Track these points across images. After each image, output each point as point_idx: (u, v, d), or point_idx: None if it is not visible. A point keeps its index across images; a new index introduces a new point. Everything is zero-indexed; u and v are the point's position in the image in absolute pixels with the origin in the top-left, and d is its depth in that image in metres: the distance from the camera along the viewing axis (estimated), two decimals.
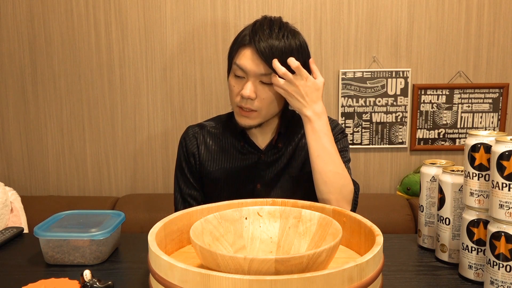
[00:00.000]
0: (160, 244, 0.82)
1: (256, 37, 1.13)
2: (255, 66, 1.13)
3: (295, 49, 1.14)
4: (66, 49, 2.18)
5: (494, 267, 0.80)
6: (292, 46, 1.14)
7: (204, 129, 1.32)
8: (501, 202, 0.79)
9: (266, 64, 1.12)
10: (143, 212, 2.01)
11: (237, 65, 1.15)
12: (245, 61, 1.14)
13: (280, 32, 1.14)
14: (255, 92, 1.14)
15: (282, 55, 1.12)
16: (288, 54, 1.12)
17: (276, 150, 1.27)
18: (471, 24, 2.12)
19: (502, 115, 2.16)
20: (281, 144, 1.27)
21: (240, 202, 0.96)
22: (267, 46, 1.11)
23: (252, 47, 1.13)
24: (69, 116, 2.23)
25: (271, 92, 1.16)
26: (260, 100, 1.16)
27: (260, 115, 1.18)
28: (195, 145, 1.30)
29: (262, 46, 1.11)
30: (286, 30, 1.16)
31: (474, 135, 0.87)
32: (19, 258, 0.99)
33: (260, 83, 1.15)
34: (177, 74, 2.18)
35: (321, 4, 2.12)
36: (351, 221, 0.89)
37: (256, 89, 1.15)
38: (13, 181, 2.28)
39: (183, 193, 1.31)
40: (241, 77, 1.16)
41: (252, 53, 1.13)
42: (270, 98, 1.16)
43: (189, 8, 2.14)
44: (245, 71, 1.14)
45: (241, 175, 1.27)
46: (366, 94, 2.15)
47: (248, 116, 1.18)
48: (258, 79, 1.14)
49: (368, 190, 2.25)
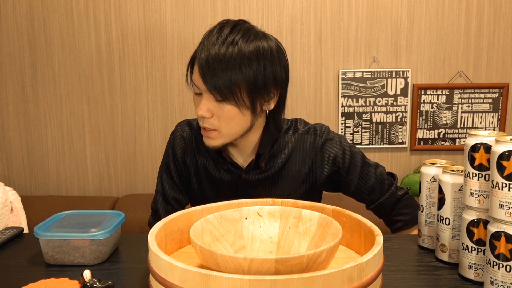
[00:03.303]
0: (160, 244, 0.82)
1: (200, 46, 1.00)
2: (201, 81, 0.99)
3: (246, 56, 0.97)
4: (66, 49, 2.18)
5: (494, 267, 0.79)
6: (242, 52, 0.97)
7: (193, 129, 1.21)
8: (501, 202, 0.78)
9: (202, 78, 0.97)
10: (143, 212, 2.01)
11: (192, 80, 1.03)
12: (194, 75, 1.02)
13: (229, 37, 0.97)
14: (209, 110, 1.01)
15: (222, 65, 0.96)
16: (233, 63, 0.96)
17: (259, 170, 1.13)
18: (471, 24, 2.12)
19: (502, 115, 2.16)
20: (264, 163, 1.13)
21: (240, 202, 0.96)
22: (207, 55, 0.96)
23: (198, 58, 1.00)
24: (69, 116, 2.23)
25: (227, 110, 1.00)
26: (216, 117, 1.02)
27: (221, 135, 1.04)
28: (182, 149, 1.20)
29: (202, 57, 0.97)
30: (240, 34, 0.98)
31: (474, 135, 0.87)
32: (19, 258, 0.99)
33: (215, 100, 1.00)
34: (177, 74, 2.18)
35: (321, 4, 2.12)
36: (351, 221, 0.89)
37: (210, 106, 1.01)
38: (13, 181, 2.28)
39: (166, 196, 1.21)
40: (199, 94, 1.03)
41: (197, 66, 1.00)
42: (227, 116, 1.01)
43: (189, 8, 2.14)
44: (198, 87, 1.02)
45: (224, 190, 1.16)
46: (366, 94, 2.15)
47: (210, 136, 1.05)
48: (211, 96, 1.00)
49: None
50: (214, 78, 0.96)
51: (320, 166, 1.14)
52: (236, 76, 0.96)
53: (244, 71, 0.97)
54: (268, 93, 1.03)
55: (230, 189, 1.16)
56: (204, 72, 0.96)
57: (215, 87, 0.97)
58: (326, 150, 1.14)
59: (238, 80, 0.97)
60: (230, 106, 1.00)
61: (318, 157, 1.14)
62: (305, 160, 1.14)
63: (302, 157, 1.14)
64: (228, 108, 1.00)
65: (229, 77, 0.96)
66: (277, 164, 1.14)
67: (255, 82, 0.99)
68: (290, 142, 1.15)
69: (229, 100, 0.98)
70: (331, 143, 1.15)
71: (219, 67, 0.96)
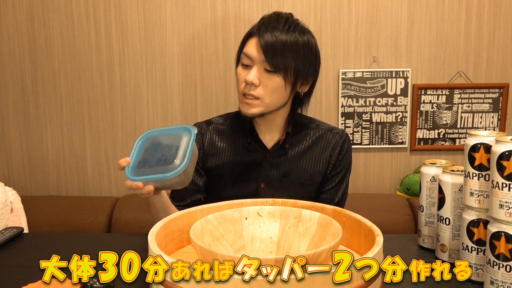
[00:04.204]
0: (160, 244, 0.82)
1: (262, 27, 1.19)
2: (259, 53, 1.17)
3: (302, 45, 1.18)
4: (66, 49, 2.18)
5: (494, 267, 0.79)
6: (297, 41, 1.17)
7: (211, 125, 1.34)
8: (501, 202, 0.79)
9: (264, 54, 1.15)
10: (143, 212, 2.01)
11: (244, 53, 1.20)
12: (251, 48, 1.19)
13: (285, 25, 1.18)
14: (258, 79, 1.18)
15: (284, 48, 1.16)
16: (291, 48, 1.16)
17: (282, 151, 1.28)
18: (471, 24, 2.12)
19: (502, 115, 2.16)
20: (288, 145, 1.28)
21: (240, 202, 0.96)
22: (270, 37, 1.16)
23: (257, 36, 1.18)
24: (69, 116, 2.23)
25: (275, 81, 1.18)
26: (263, 87, 1.18)
27: (262, 104, 1.20)
28: (200, 141, 1.31)
29: (266, 37, 1.16)
30: (293, 25, 1.19)
31: (474, 135, 0.87)
32: (19, 258, 0.99)
33: (265, 71, 1.18)
34: (177, 74, 2.18)
35: (321, 4, 2.12)
36: (351, 221, 0.89)
37: (260, 76, 1.18)
38: (13, 181, 2.28)
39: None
40: (247, 66, 1.20)
41: (257, 41, 1.18)
42: (273, 87, 1.18)
43: (189, 8, 2.14)
44: (251, 58, 1.18)
45: (246, 172, 1.28)
46: (366, 94, 2.15)
47: (251, 104, 1.19)
48: (262, 67, 1.17)
49: (368, 190, 2.25)
50: (274, 55, 1.16)
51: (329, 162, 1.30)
52: (291, 57, 1.17)
53: (296, 55, 1.18)
54: (306, 78, 1.23)
55: (255, 169, 1.28)
56: (267, 49, 1.15)
57: (273, 62, 1.16)
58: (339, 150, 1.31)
59: (291, 61, 1.17)
60: (279, 78, 1.18)
61: (334, 155, 1.30)
62: (324, 154, 1.30)
63: (322, 150, 1.30)
64: (276, 79, 1.18)
65: (286, 57, 1.16)
66: (299, 149, 1.29)
67: (303, 65, 1.20)
68: (313, 133, 1.32)
69: (279, 73, 1.17)
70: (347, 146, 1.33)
71: (280, 48, 1.16)
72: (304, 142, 1.30)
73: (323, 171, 1.29)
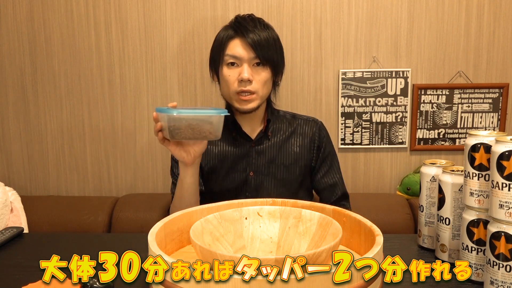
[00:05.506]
0: (160, 244, 0.82)
1: (242, 29, 1.31)
2: (247, 51, 1.30)
3: (276, 39, 1.36)
4: (66, 49, 2.18)
5: (494, 267, 0.80)
6: (273, 36, 1.35)
7: None
8: (501, 202, 0.79)
9: (255, 51, 1.29)
10: (143, 212, 2.01)
11: (230, 55, 1.31)
12: (237, 49, 1.31)
13: (260, 25, 1.34)
14: (251, 75, 1.30)
15: (267, 43, 1.31)
16: (271, 43, 1.33)
17: (266, 139, 1.41)
18: (471, 24, 2.12)
19: (502, 115, 2.16)
20: (270, 133, 1.41)
21: (240, 202, 0.96)
22: (255, 36, 1.30)
23: (240, 37, 1.31)
24: (69, 116, 2.23)
25: (264, 74, 1.32)
26: (256, 81, 1.31)
27: (258, 97, 1.32)
28: None
29: (250, 36, 1.30)
30: (264, 24, 1.36)
31: (474, 135, 0.87)
32: (19, 258, 0.99)
33: (254, 67, 1.31)
34: (177, 74, 2.19)
35: (321, 4, 2.12)
36: (351, 221, 0.89)
37: (251, 71, 1.30)
38: (13, 181, 2.28)
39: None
40: (234, 66, 1.31)
41: (241, 42, 1.31)
42: (263, 79, 1.32)
43: (189, 8, 2.14)
44: (238, 58, 1.30)
45: (234, 164, 1.39)
46: (366, 94, 2.15)
47: (249, 100, 1.31)
48: (251, 63, 1.31)
49: (368, 190, 2.25)
50: (263, 50, 1.30)
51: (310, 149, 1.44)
52: (273, 51, 1.33)
53: (275, 49, 1.34)
54: (282, 68, 1.40)
55: (242, 160, 1.38)
56: (256, 46, 1.29)
57: (263, 56, 1.30)
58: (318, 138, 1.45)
59: (273, 54, 1.33)
60: (267, 71, 1.32)
61: (314, 142, 1.44)
62: (305, 141, 1.43)
63: (303, 137, 1.43)
64: (265, 73, 1.32)
65: (271, 51, 1.32)
66: (281, 137, 1.42)
67: (280, 57, 1.38)
68: (292, 122, 1.45)
69: (267, 65, 1.32)
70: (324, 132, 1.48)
71: (265, 44, 1.31)
72: (285, 130, 1.43)
73: (307, 156, 1.42)
